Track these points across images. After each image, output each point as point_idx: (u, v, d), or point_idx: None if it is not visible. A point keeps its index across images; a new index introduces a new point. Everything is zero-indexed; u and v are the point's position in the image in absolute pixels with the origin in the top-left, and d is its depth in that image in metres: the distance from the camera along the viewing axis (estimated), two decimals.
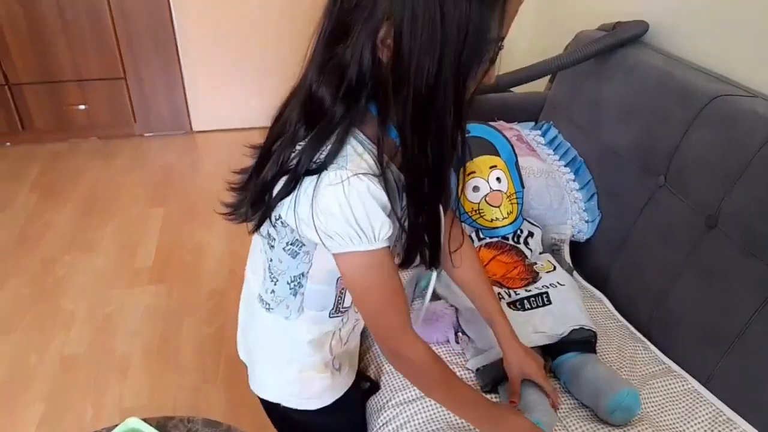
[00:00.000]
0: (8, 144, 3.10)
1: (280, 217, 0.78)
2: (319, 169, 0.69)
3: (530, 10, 2.13)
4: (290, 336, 0.93)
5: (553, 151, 1.62)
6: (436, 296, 1.30)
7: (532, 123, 1.79)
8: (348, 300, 0.92)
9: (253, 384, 1.03)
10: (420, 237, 0.80)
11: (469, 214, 1.36)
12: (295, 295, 0.88)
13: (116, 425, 1.00)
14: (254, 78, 3.19)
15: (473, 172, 1.36)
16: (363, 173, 0.69)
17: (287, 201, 0.74)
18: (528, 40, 2.25)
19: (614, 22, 1.64)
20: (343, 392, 1.01)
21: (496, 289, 1.23)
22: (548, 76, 1.89)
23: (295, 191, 0.72)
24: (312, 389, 0.97)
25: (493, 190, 1.35)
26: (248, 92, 3.23)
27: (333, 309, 0.91)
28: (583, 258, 1.52)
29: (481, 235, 1.35)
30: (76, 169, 2.93)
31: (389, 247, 0.75)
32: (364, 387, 1.15)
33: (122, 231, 2.48)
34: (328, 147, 0.70)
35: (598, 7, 1.87)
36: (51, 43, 2.86)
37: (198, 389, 1.77)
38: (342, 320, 0.94)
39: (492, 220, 1.35)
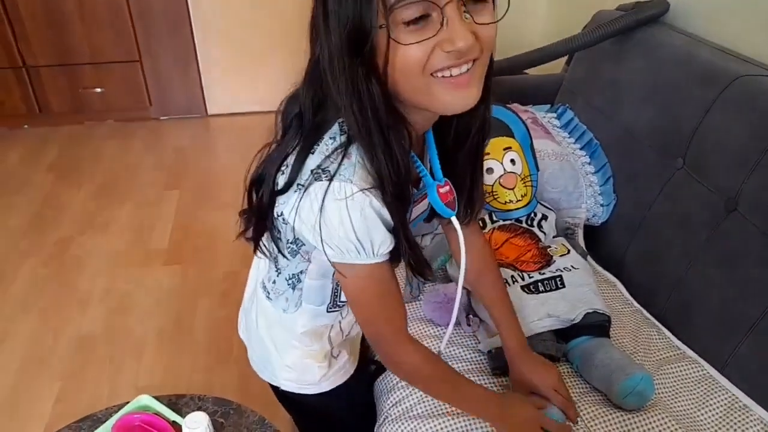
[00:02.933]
0: (26, 126, 3.13)
1: (282, 214, 0.77)
2: (328, 178, 0.68)
3: None
4: (286, 326, 0.93)
5: (569, 133, 1.60)
6: (448, 278, 1.29)
7: (548, 105, 1.76)
8: (344, 295, 0.90)
9: (254, 364, 1.04)
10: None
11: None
12: (293, 289, 0.88)
13: (128, 402, 1.02)
14: (270, 61, 3.18)
15: (487, 154, 1.34)
16: (369, 188, 0.67)
17: (291, 201, 0.72)
18: (544, 20, 2.21)
19: (634, 2, 1.60)
20: (342, 381, 1.00)
21: (509, 272, 1.21)
22: (565, 58, 1.85)
23: (298, 193, 0.70)
24: (310, 376, 0.97)
25: (507, 172, 1.33)
26: (263, 76, 3.22)
27: (330, 303, 0.90)
28: (597, 242, 1.50)
29: (495, 218, 1.33)
30: (93, 152, 2.95)
31: (389, 260, 0.75)
32: (370, 371, 1.15)
33: (137, 213, 2.50)
34: (339, 158, 0.68)
35: None
36: (67, 26, 2.87)
37: (212, 370, 1.78)
38: (341, 314, 0.94)
39: (506, 203, 1.33)
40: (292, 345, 0.95)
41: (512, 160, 1.35)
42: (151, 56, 3.05)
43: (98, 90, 3.05)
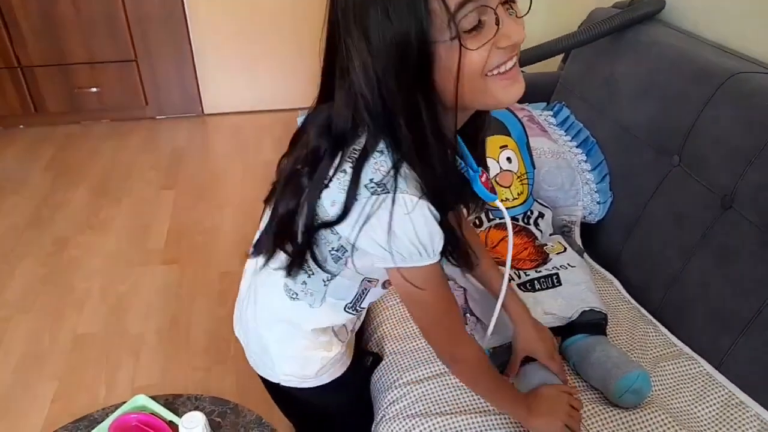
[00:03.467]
0: (22, 126, 3.12)
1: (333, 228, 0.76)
2: (386, 192, 0.68)
3: None
4: (295, 321, 0.94)
5: (565, 131, 1.60)
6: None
7: (544, 103, 1.76)
8: (366, 302, 0.93)
9: (252, 361, 1.04)
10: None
11: None
12: (323, 286, 0.89)
13: (125, 402, 1.02)
14: (265, 61, 3.17)
15: None
16: (423, 194, 0.69)
17: (348, 219, 0.72)
18: (541, 18, 2.20)
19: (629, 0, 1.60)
20: (341, 373, 1.01)
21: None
22: (561, 56, 1.85)
23: (357, 209, 0.70)
24: (310, 369, 0.97)
25: (503, 170, 1.34)
26: (259, 75, 3.21)
27: (350, 305, 0.92)
28: (594, 240, 1.50)
29: (491, 216, 1.33)
30: (89, 151, 2.95)
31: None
32: (367, 364, 1.15)
33: (134, 212, 2.50)
34: (393, 172, 0.69)
35: None
36: (62, 26, 2.86)
37: (209, 370, 1.78)
38: (351, 318, 0.96)
39: (502, 201, 1.33)
40: (296, 337, 0.95)
41: (508, 158, 1.35)
42: (147, 56, 3.04)
43: (94, 90, 3.04)
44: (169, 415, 1.00)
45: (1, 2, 2.74)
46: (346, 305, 0.92)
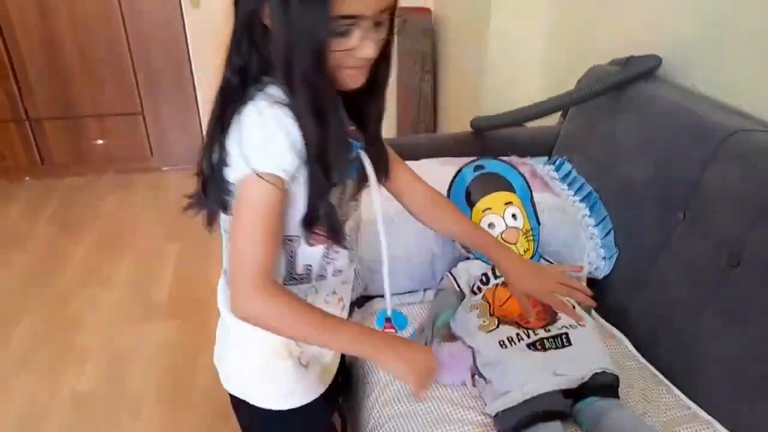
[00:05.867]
0: (27, 178, 3.15)
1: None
2: (243, 103, 0.76)
3: (540, 46, 2.13)
4: None
5: (568, 186, 1.61)
6: (452, 337, 1.28)
7: (546, 158, 1.78)
8: (300, 266, 0.87)
9: (223, 378, 1.00)
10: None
11: None
12: None
13: None
14: None
15: (488, 209, 1.35)
16: (276, 102, 0.75)
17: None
18: (539, 75, 2.25)
19: (626, 57, 1.63)
20: (311, 399, 0.97)
21: (514, 330, 1.19)
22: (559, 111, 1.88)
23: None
24: (276, 380, 0.94)
25: (509, 227, 1.34)
26: None
27: (286, 275, 0.87)
28: (600, 296, 1.47)
29: (498, 273, 1.32)
30: (94, 204, 2.97)
31: (285, 190, 0.77)
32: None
33: (138, 266, 2.49)
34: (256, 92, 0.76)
35: (610, 41, 1.86)
36: (70, 79, 2.93)
37: (211, 427, 1.74)
38: (305, 292, 0.90)
39: None
40: (255, 340, 0.91)
41: (513, 215, 1.35)
42: (154, 108, 3.10)
43: (100, 142, 3.09)
44: None
45: (11, 55, 2.81)
46: (284, 279, 0.87)
